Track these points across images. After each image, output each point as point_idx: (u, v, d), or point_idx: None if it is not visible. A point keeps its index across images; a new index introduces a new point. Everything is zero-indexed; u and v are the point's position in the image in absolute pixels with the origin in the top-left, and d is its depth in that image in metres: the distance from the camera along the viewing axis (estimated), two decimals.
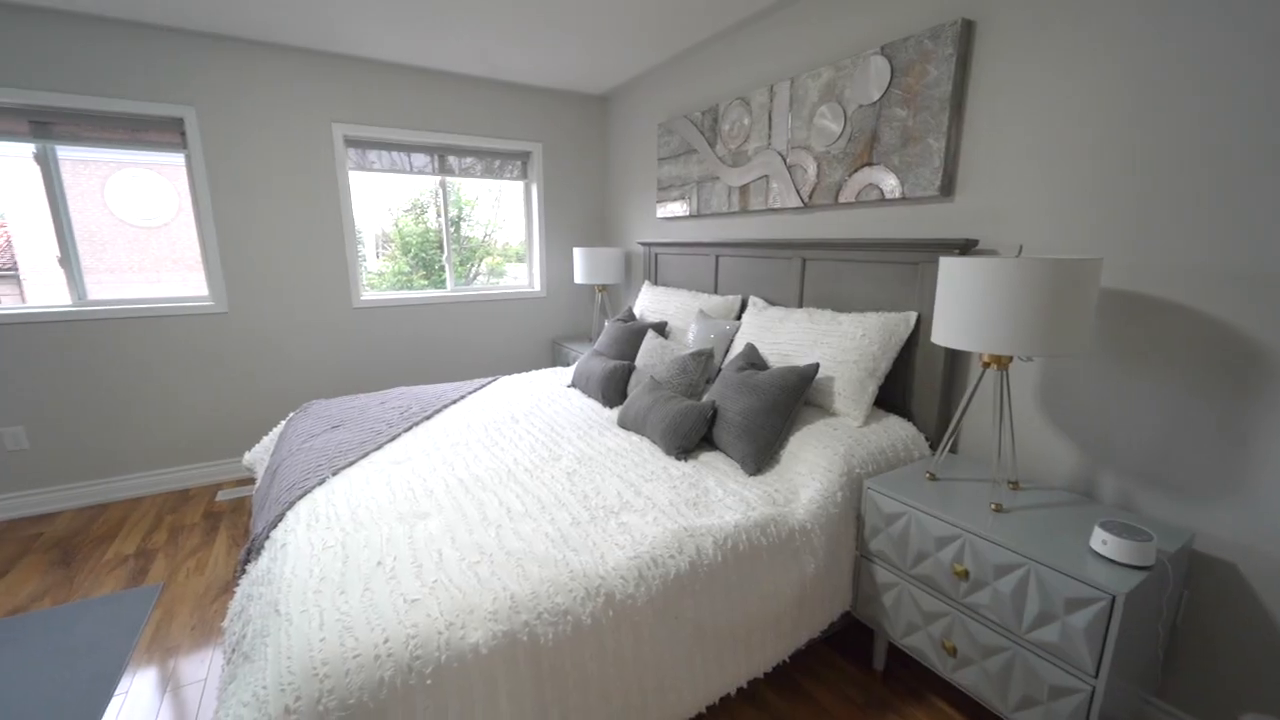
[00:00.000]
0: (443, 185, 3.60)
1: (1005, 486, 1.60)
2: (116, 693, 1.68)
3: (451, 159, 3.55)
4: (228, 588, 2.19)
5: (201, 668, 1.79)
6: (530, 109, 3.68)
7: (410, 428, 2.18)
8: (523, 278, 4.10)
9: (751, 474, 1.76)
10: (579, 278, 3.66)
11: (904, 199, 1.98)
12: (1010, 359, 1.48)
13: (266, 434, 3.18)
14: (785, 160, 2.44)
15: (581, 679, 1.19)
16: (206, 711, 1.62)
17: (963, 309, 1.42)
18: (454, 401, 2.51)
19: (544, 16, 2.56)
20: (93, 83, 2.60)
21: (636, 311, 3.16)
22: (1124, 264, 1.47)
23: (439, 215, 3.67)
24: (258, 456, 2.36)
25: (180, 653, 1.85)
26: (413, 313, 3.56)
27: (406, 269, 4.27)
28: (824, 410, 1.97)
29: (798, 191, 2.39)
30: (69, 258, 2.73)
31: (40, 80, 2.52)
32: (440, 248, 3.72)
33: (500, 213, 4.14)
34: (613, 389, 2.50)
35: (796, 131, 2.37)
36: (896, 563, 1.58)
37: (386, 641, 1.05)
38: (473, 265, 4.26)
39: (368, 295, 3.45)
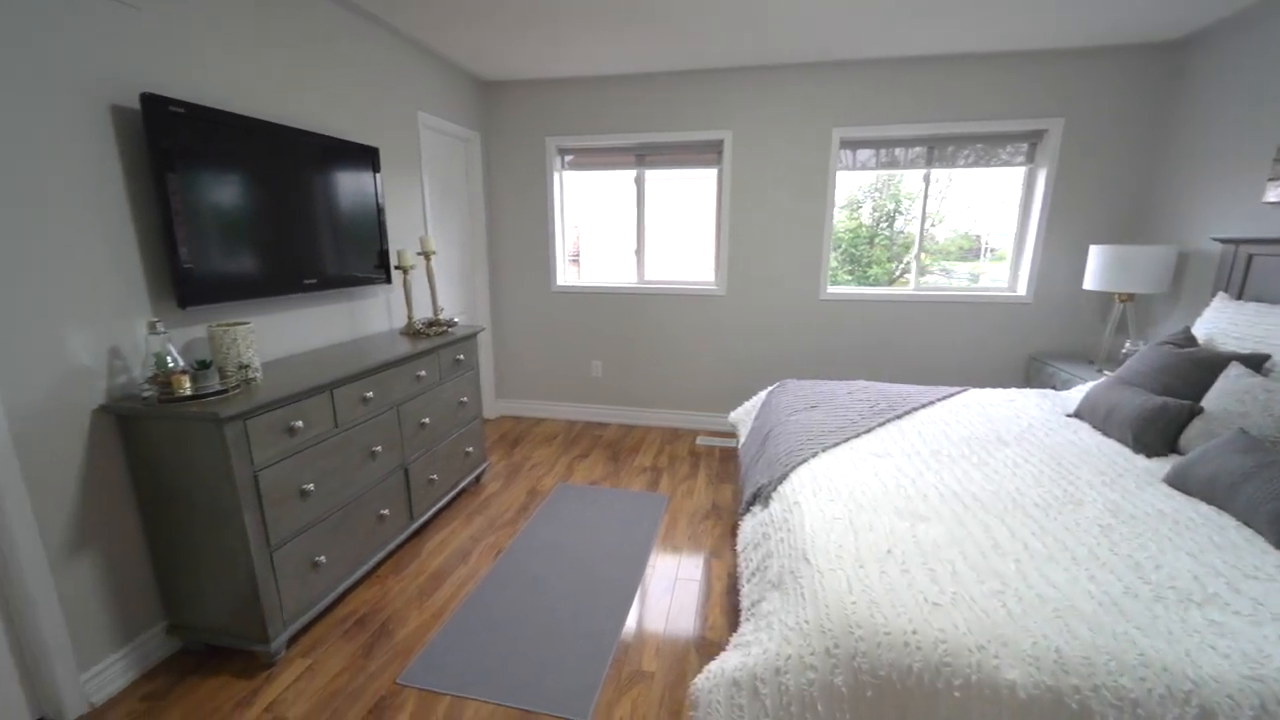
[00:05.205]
0: (926, 179, 3.44)
1: None
2: (649, 562, 2.35)
3: (939, 148, 3.34)
4: (708, 515, 2.75)
5: (695, 570, 2.30)
6: (1051, 78, 3.08)
7: (883, 423, 2.20)
8: (963, 277, 3.57)
9: None
10: (1092, 283, 2.92)
11: None
12: None
13: (740, 399, 3.81)
14: None
15: None
16: (702, 604, 2.08)
17: None
18: (922, 406, 2.40)
19: None
20: (673, 120, 3.55)
21: (1200, 334, 2.29)
22: None
23: (874, 211, 3.64)
24: (740, 417, 2.84)
25: (682, 552, 2.43)
26: (873, 309, 3.58)
27: (834, 264, 4.31)
28: None
29: None
30: (640, 249, 3.89)
31: (635, 125, 3.59)
32: (870, 243, 3.68)
33: (944, 205, 3.67)
34: (1154, 433, 1.89)
35: None
36: None
37: (915, 633, 1.07)
38: (897, 264, 3.94)
39: (833, 289, 3.66)
